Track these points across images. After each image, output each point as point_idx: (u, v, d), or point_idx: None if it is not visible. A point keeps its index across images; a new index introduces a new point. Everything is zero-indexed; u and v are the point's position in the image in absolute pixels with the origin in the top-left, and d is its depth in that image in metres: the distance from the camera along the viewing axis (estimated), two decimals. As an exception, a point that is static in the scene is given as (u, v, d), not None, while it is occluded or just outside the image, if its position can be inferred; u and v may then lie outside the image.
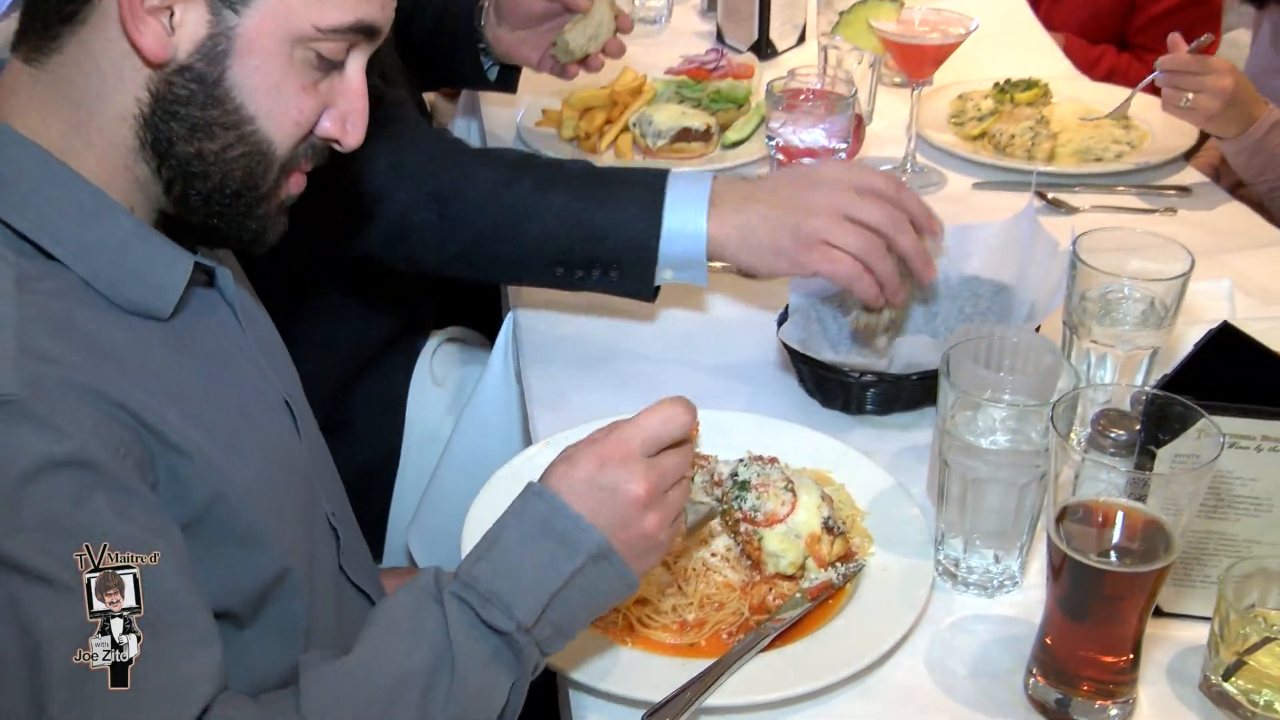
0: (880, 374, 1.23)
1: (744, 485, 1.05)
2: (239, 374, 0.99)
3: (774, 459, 1.11)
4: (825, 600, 1.02)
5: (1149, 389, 0.95)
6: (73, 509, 0.77)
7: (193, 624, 0.81)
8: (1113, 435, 0.96)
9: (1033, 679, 0.95)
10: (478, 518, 1.08)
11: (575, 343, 1.41)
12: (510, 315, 1.48)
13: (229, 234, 0.94)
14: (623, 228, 1.28)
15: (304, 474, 1.02)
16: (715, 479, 1.10)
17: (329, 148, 0.96)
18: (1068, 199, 1.69)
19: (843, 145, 1.51)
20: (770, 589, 1.03)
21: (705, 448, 1.16)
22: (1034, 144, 1.78)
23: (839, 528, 1.05)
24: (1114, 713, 0.93)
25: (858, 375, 1.24)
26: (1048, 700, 0.93)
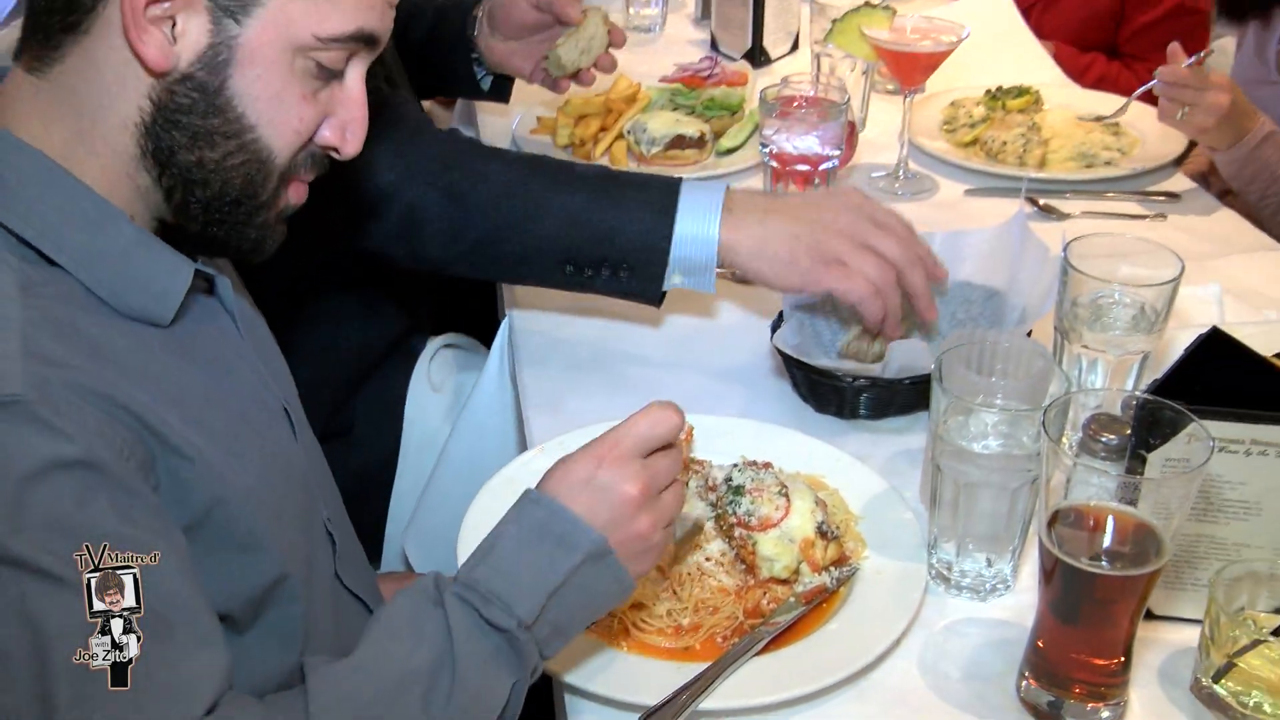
0: (873, 379, 1.24)
1: (738, 490, 1.05)
2: (239, 380, 0.99)
3: (768, 464, 1.11)
4: (819, 604, 1.03)
5: (1139, 393, 0.95)
6: (75, 509, 0.77)
7: (195, 625, 0.81)
8: (1104, 440, 0.96)
9: (1025, 682, 0.95)
10: (473, 523, 1.08)
11: (570, 346, 1.41)
12: (506, 318, 1.48)
13: (228, 242, 0.95)
14: (635, 228, 1.28)
15: (302, 480, 1.03)
16: (710, 484, 1.11)
17: (328, 156, 0.97)
18: (1059, 205, 1.70)
19: (836, 152, 1.52)
20: (764, 593, 1.04)
21: (700, 453, 1.17)
22: (1025, 150, 1.79)
23: (833, 532, 1.05)
24: (1106, 715, 0.93)
25: (851, 380, 1.25)
26: (1040, 703, 0.94)
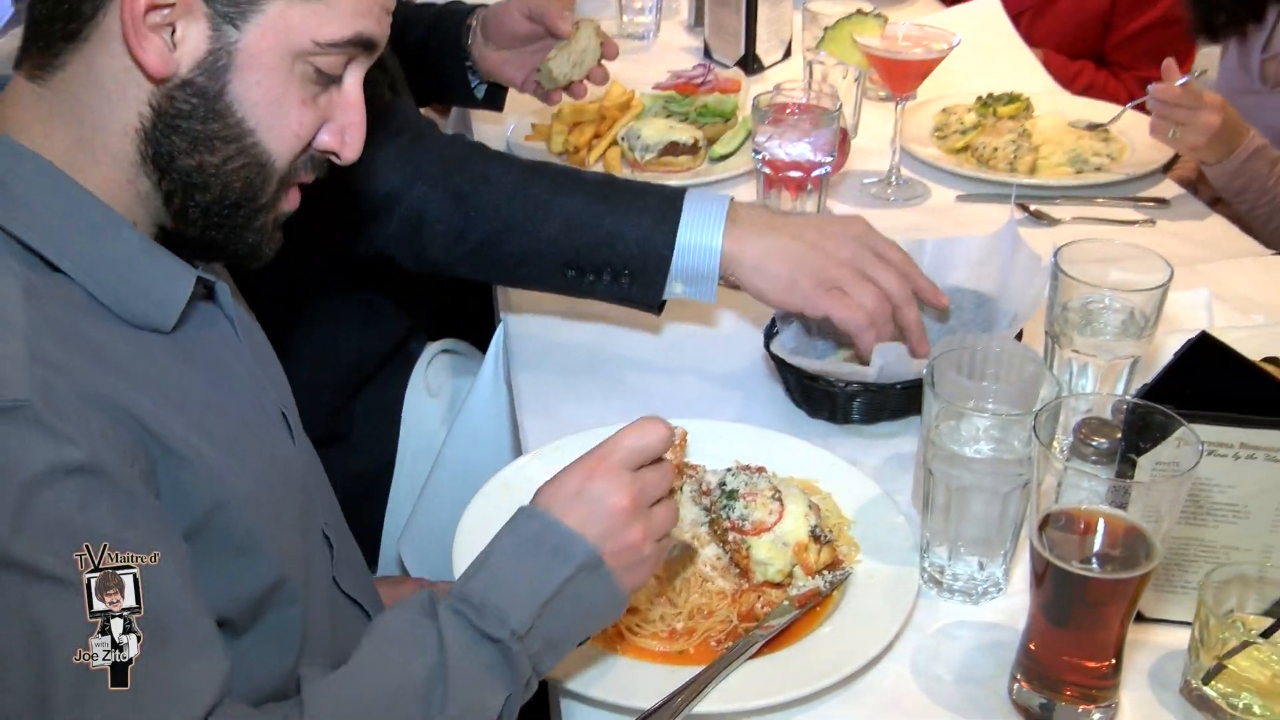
0: (866, 384, 1.25)
1: (732, 494, 1.06)
2: (239, 385, 0.99)
3: (761, 468, 1.12)
4: (813, 607, 1.03)
5: (1129, 398, 0.95)
6: (77, 514, 0.77)
7: (193, 631, 0.81)
8: (1094, 443, 0.96)
9: (1017, 684, 0.96)
10: (468, 527, 1.08)
11: (565, 351, 1.42)
12: (502, 322, 1.49)
13: (226, 246, 0.95)
14: (638, 233, 1.29)
15: (301, 484, 1.03)
16: (704, 488, 1.11)
17: (328, 160, 0.97)
18: (1050, 211, 1.71)
19: (828, 159, 1.53)
20: (758, 597, 1.04)
21: (694, 457, 1.17)
22: (1016, 157, 1.80)
23: (826, 536, 1.05)
24: (1097, 717, 0.94)
25: (844, 385, 1.25)
26: (1032, 705, 0.94)
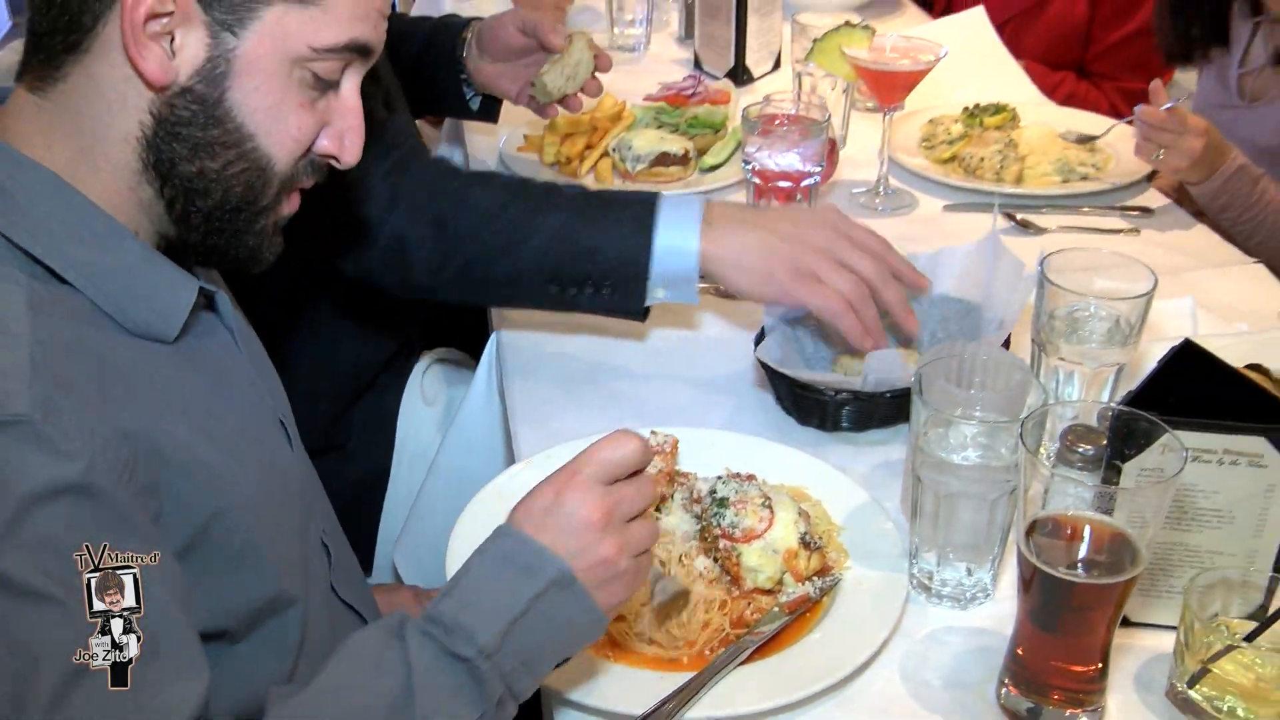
0: (855, 392, 1.25)
1: (722, 502, 1.06)
2: (239, 394, 1.00)
3: (752, 476, 1.12)
4: (803, 614, 1.04)
5: (1115, 405, 0.96)
6: (69, 533, 0.76)
7: (177, 652, 0.80)
8: (1080, 450, 0.97)
9: (1005, 689, 0.97)
10: (462, 535, 1.09)
11: (557, 360, 1.42)
12: (494, 334, 1.49)
13: (227, 251, 0.95)
14: (614, 244, 1.30)
15: (299, 492, 1.03)
16: (694, 496, 1.12)
17: (328, 165, 0.97)
18: (1036, 220, 1.72)
19: (817, 169, 1.54)
20: (749, 603, 1.04)
21: (684, 465, 1.18)
22: (1003, 166, 1.81)
23: (815, 543, 1.06)
24: (1084, 720, 0.95)
25: (833, 393, 1.26)
26: (1019, 709, 0.95)
